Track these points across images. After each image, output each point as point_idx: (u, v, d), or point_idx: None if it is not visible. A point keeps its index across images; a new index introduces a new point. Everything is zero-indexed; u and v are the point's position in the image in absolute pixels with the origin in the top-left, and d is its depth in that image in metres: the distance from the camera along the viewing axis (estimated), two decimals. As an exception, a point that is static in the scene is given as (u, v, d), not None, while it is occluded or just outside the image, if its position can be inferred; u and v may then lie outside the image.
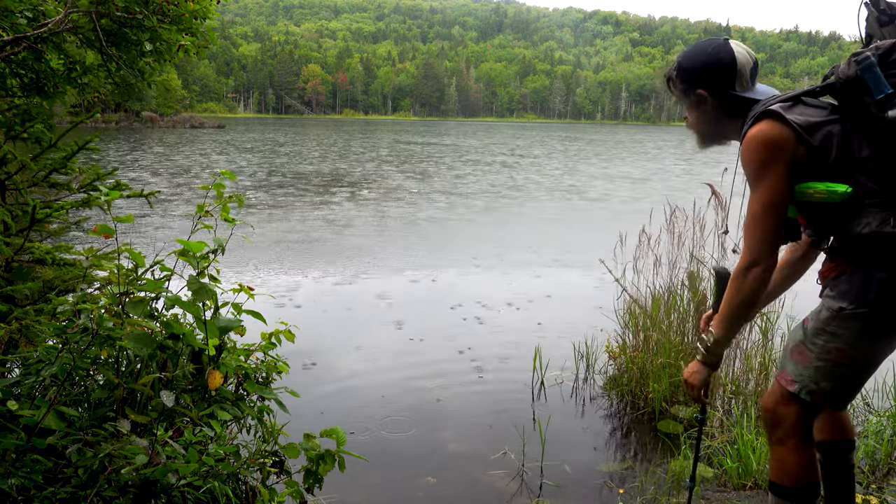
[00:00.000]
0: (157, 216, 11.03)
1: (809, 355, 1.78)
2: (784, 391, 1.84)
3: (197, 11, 2.87)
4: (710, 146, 1.97)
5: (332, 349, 4.88)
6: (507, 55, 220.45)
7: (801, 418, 1.82)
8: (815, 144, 1.66)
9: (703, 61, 1.83)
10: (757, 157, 1.68)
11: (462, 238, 10.30)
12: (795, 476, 1.82)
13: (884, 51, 1.63)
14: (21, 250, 2.48)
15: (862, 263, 1.68)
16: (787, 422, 1.82)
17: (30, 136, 2.70)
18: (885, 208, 1.62)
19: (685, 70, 1.87)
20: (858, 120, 1.66)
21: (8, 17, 2.46)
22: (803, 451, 1.82)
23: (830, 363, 1.75)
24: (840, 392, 1.81)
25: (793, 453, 1.82)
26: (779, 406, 1.84)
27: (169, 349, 1.93)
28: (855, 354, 1.73)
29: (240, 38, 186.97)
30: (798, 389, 1.80)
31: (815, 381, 1.77)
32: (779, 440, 1.85)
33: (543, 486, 3.03)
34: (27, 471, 1.59)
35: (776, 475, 1.86)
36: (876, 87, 1.61)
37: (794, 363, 1.82)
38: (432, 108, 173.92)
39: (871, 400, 3.65)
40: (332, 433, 2.02)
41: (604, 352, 4.35)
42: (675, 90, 1.91)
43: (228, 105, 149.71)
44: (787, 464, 1.83)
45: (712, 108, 1.85)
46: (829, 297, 1.75)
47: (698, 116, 1.89)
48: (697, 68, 1.85)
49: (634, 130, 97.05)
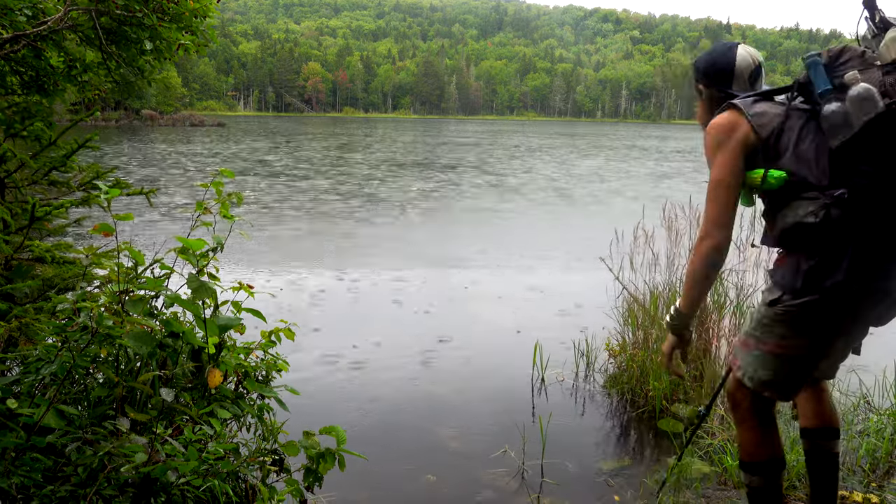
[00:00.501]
0: (157, 214, 11.02)
1: (750, 343, 1.91)
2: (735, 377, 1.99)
3: (197, 10, 2.86)
4: None
5: (332, 347, 4.88)
6: (508, 53, 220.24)
7: (753, 402, 1.95)
8: (763, 135, 1.79)
9: (707, 60, 2.08)
10: (711, 140, 1.86)
11: (460, 238, 10.29)
12: (753, 452, 1.99)
13: (833, 53, 1.78)
14: (21, 248, 2.48)
15: (800, 252, 1.78)
16: (742, 405, 1.98)
17: (29, 133, 2.69)
18: (817, 200, 1.71)
19: (695, 66, 2.12)
20: (812, 117, 1.79)
21: (7, 14, 2.46)
22: (759, 430, 1.97)
23: (766, 353, 1.86)
24: (779, 381, 1.90)
25: (749, 432, 1.99)
26: (735, 391, 1.99)
27: (169, 347, 1.93)
28: (787, 345, 1.83)
29: (240, 35, 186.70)
30: (741, 376, 1.94)
31: (753, 369, 1.90)
32: (738, 421, 2.02)
33: (544, 484, 3.03)
34: (27, 469, 1.58)
35: (740, 453, 2.05)
36: (818, 82, 1.75)
37: (741, 350, 1.95)
38: (432, 106, 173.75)
39: (871, 398, 3.65)
40: (331, 430, 2.02)
41: (604, 350, 4.35)
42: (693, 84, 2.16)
43: (228, 103, 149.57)
44: (745, 442, 2.01)
45: (707, 101, 2.08)
46: (766, 288, 1.88)
47: (700, 108, 2.12)
48: (702, 66, 2.09)
49: (647, 129, 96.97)
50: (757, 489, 2.01)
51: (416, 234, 10.08)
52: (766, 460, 1.98)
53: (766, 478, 1.99)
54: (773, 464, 1.98)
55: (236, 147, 32.09)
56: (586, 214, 12.81)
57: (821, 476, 2.13)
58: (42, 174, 2.83)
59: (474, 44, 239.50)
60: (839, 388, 3.66)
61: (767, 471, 1.99)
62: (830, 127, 1.70)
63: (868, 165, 1.68)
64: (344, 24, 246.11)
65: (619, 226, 4.76)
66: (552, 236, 10.16)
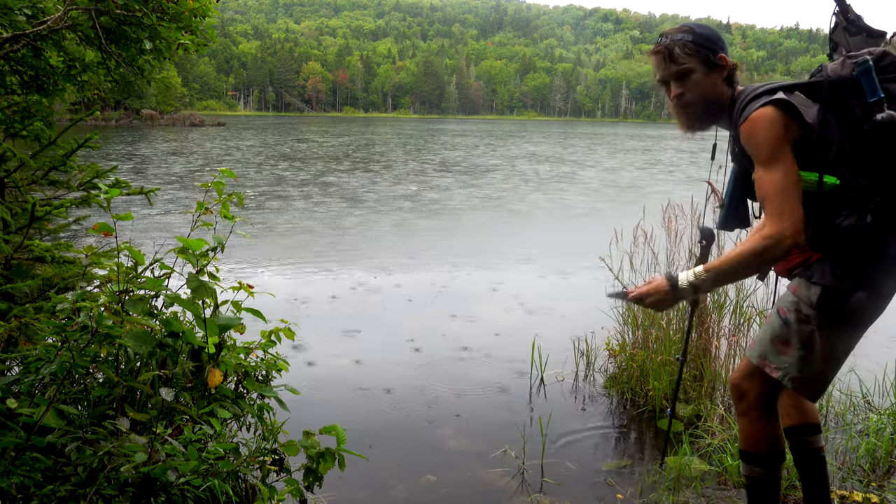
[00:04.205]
0: (157, 214, 11.02)
1: (793, 344, 1.89)
2: (751, 368, 1.99)
3: (196, 9, 2.86)
4: (701, 127, 1.98)
5: (332, 346, 4.88)
6: (508, 53, 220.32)
7: (762, 393, 1.99)
8: (813, 136, 1.74)
9: (714, 32, 1.91)
10: (773, 135, 1.72)
11: (460, 238, 10.29)
12: (756, 443, 2.02)
13: (876, 56, 1.73)
14: (20, 248, 2.48)
15: (837, 253, 1.79)
16: (750, 395, 2.00)
17: (29, 133, 2.69)
18: (862, 204, 1.72)
19: (704, 35, 1.87)
20: (842, 119, 1.76)
21: (7, 14, 2.45)
22: (764, 422, 2.00)
23: (810, 351, 1.87)
24: (818, 380, 1.93)
25: (754, 424, 2.01)
26: (743, 381, 2.01)
27: (168, 347, 1.92)
28: (834, 341, 1.85)
29: (240, 35, 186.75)
30: (781, 376, 1.92)
31: (797, 369, 1.89)
32: (743, 412, 2.03)
33: (544, 484, 3.02)
34: (26, 469, 1.58)
35: (742, 444, 2.06)
36: (871, 90, 1.70)
37: (776, 351, 1.93)
38: (432, 105, 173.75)
39: (871, 398, 3.65)
40: (331, 430, 2.02)
41: (604, 349, 4.34)
42: (686, 56, 1.87)
43: (228, 103, 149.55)
44: (749, 433, 2.03)
45: (726, 75, 1.89)
46: (806, 286, 1.85)
47: (711, 84, 1.89)
48: (714, 36, 1.89)
49: (651, 128, 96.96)
50: (758, 480, 2.04)
51: (416, 235, 10.08)
52: (769, 452, 2.01)
53: (767, 469, 2.02)
54: (775, 456, 2.02)
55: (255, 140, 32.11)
56: (588, 214, 12.81)
57: (810, 472, 2.18)
58: (42, 174, 2.83)
59: (474, 43, 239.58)
60: (839, 388, 3.66)
61: (769, 463, 2.02)
62: (877, 134, 1.69)
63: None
64: (344, 24, 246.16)
65: (619, 225, 4.75)
66: (552, 236, 10.16)
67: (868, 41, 1.83)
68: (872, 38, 1.83)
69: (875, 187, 1.72)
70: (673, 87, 1.91)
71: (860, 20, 1.84)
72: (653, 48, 1.94)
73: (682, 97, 1.91)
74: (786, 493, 2.69)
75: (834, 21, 1.88)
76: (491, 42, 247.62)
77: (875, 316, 1.85)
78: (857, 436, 3.21)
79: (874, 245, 1.74)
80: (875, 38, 1.82)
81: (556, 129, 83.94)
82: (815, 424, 2.17)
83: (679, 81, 1.90)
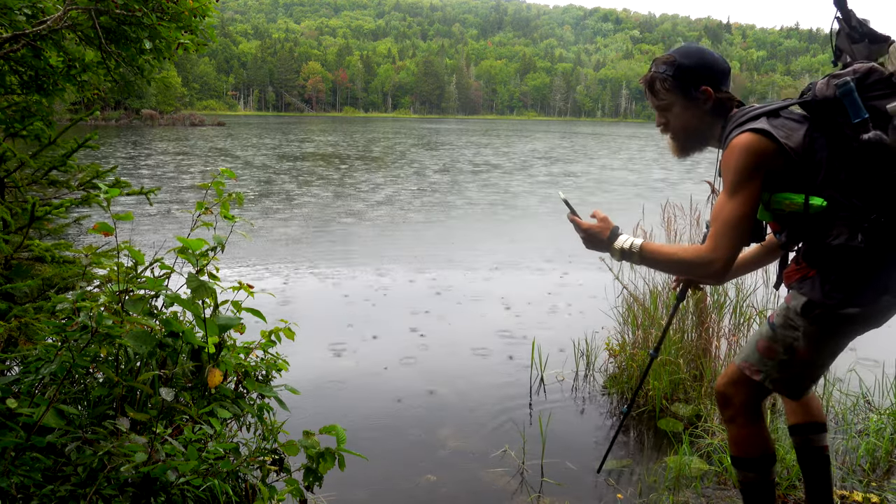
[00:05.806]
0: (157, 213, 11.02)
1: (776, 349, 1.94)
2: (736, 374, 2.03)
3: (196, 9, 2.86)
4: (692, 152, 2.02)
5: (332, 346, 4.88)
6: (508, 53, 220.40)
7: (748, 399, 2.01)
8: (796, 160, 1.74)
9: (705, 60, 1.90)
10: (742, 165, 1.74)
11: (459, 238, 10.29)
12: (746, 448, 2.04)
13: (861, 75, 1.71)
14: (20, 248, 2.48)
15: (828, 270, 1.81)
16: (735, 401, 2.02)
17: (29, 133, 2.70)
18: (854, 223, 1.73)
19: (687, 68, 1.89)
20: (831, 138, 1.75)
21: (7, 14, 2.46)
22: (751, 426, 2.03)
23: (792, 357, 1.91)
24: (797, 383, 1.98)
25: (741, 429, 2.03)
26: (728, 388, 2.04)
27: (168, 347, 1.92)
28: (815, 350, 1.89)
29: (240, 35, 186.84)
30: (762, 378, 1.97)
31: (777, 372, 1.95)
32: (729, 418, 2.05)
33: (544, 484, 3.02)
34: (26, 469, 1.58)
35: (732, 449, 2.09)
36: (854, 111, 1.69)
37: (759, 354, 1.98)
38: (432, 105, 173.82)
39: (871, 398, 3.65)
40: (331, 430, 2.02)
41: (604, 349, 4.34)
42: (665, 91, 1.92)
43: (228, 103, 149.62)
44: (737, 439, 2.05)
45: (710, 106, 1.90)
46: (796, 297, 1.89)
47: (692, 117, 1.92)
48: (700, 67, 1.89)
49: (645, 128, 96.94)
50: (752, 484, 2.06)
51: (421, 233, 10.08)
52: (760, 455, 2.03)
53: (759, 473, 2.04)
54: (766, 459, 2.04)
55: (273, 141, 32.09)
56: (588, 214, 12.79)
57: (813, 471, 2.20)
58: (42, 174, 2.83)
59: (474, 43, 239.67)
60: (839, 388, 3.66)
61: (761, 466, 2.04)
62: (866, 154, 1.68)
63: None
64: (344, 24, 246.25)
65: (619, 225, 4.75)
66: (552, 235, 10.15)
67: (871, 47, 1.80)
68: (875, 43, 1.79)
69: (869, 206, 1.72)
70: (657, 116, 1.99)
71: (863, 25, 1.81)
72: (642, 77, 2.01)
73: (665, 126, 1.98)
74: (786, 493, 2.69)
75: (836, 27, 1.86)
76: (491, 42, 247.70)
77: (862, 331, 1.87)
78: (857, 436, 3.21)
79: (865, 264, 1.75)
80: (878, 44, 1.79)
81: (557, 128, 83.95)
82: (821, 423, 2.18)
83: (661, 112, 1.97)
